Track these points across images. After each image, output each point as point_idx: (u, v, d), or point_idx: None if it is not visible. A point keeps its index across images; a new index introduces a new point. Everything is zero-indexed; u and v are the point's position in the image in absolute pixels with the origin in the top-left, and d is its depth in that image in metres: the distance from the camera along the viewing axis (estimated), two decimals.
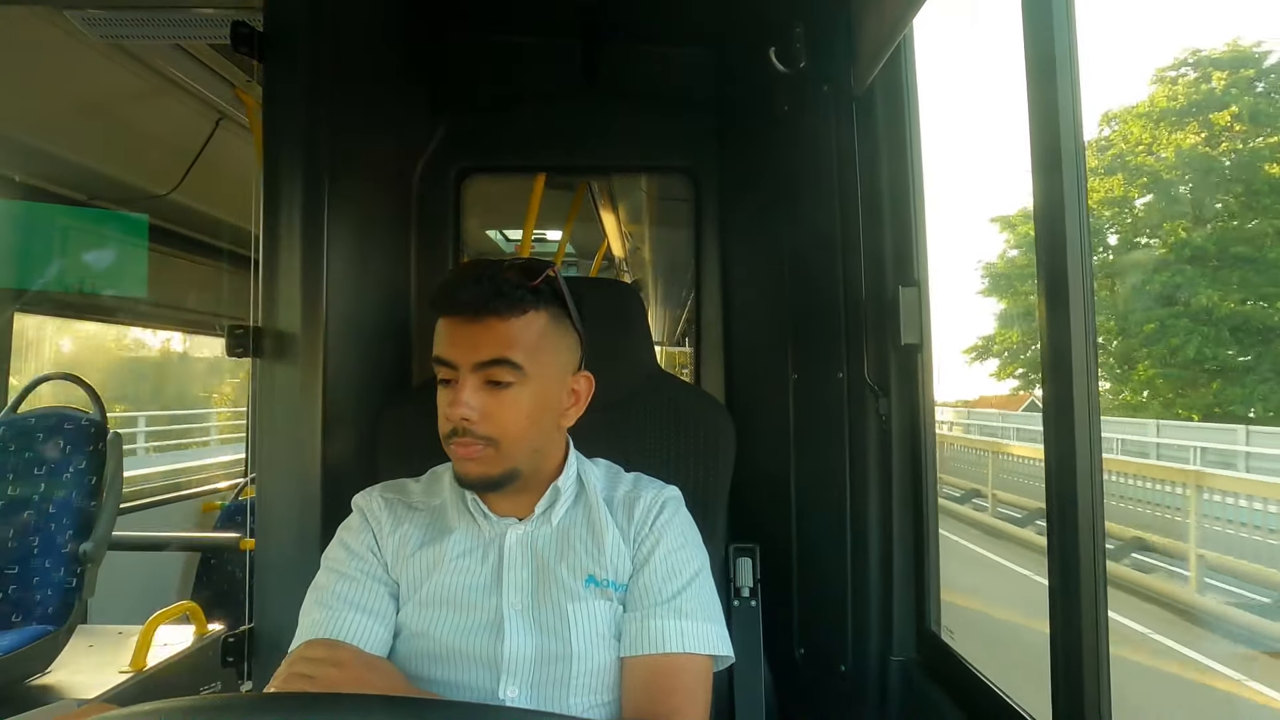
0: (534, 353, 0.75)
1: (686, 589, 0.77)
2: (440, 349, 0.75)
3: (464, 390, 0.73)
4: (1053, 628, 0.68)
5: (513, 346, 0.74)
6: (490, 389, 0.74)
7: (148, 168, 2.28)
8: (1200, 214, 9.72)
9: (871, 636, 1.04)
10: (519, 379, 0.74)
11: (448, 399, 0.74)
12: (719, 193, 1.44)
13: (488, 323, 0.73)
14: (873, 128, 1.05)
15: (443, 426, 0.75)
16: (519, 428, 0.75)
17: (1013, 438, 9.95)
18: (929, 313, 1.01)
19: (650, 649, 0.74)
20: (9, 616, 1.61)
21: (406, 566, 0.78)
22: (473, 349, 0.73)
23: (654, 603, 0.76)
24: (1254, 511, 5.84)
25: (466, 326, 0.74)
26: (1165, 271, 9.77)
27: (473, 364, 0.73)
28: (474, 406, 0.73)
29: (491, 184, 2.40)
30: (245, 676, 1.02)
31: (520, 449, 0.76)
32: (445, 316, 0.75)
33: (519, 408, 0.75)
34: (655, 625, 0.75)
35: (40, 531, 1.67)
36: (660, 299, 4.61)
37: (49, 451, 1.72)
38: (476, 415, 0.73)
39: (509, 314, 0.74)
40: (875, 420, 1.05)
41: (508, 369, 0.73)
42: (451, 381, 0.74)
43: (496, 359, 0.73)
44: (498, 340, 0.73)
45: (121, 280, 2.60)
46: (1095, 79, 19.87)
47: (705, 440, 1.02)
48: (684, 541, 0.81)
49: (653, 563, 0.78)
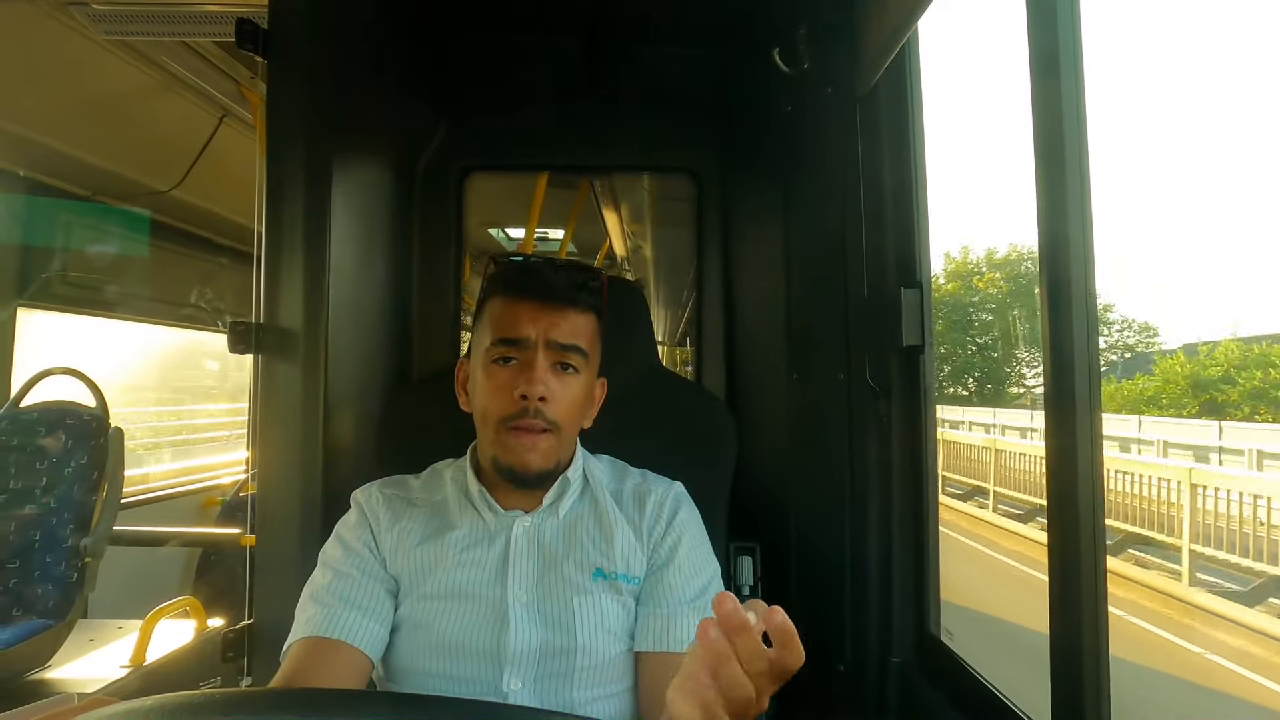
0: (592, 347, 0.78)
1: (708, 589, 0.78)
2: (509, 328, 0.75)
3: (539, 368, 0.74)
4: (1052, 627, 0.67)
5: (584, 335, 0.77)
6: (556, 373, 0.75)
7: (151, 164, 2.28)
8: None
9: (871, 637, 1.04)
10: (583, 367, 0.77)
11: (507, 379, 0.74)
12: (721, 193, 1.44)
13: (566, 311, 0.76)
14: (876, 129, 1.05)
15: (503, 406, 0.74)
16: (573, 417, 0.77)
17: None
18: (930, 314, 1.01)
19: (675, 647, 0.74)
20: (9, 610, 1.61)
21: (407, 561, 0.78)
22: (551, 328, 0.75)
23: (679, 601, 0.77)
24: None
25: (544, 310, 0.75)
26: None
27: (550, 342, 0.74)
28: (551, 386, 0.74)
29: (494, 182, 2.40)
30: (245, 672, 1.02)
31: (568, 441, 0.78)
32: (519, 299, 0.76)
33: (577, 397, 0.77)
34: (681, 624, 0.75)
35: (41, 526, 1.68)
36: (662, 298, 4.61)
37: (50, 446, 1.73)
38: (550, 395, 0.74)
39: (585, 307, 0.78)
40: (876, 421, 1.05)
41: (578, 355, 0.76)
42: (514, 360, 0.75)
43: (573, 344, 0.76)
44: (574, 328, 0.76)
45: (123, 275, 2.60)
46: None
47: (706, 439, 1.02)
48: (702, 539, 0.82)
49: (677, 561, 0.79)
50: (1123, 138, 46.67)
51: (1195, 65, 51.86)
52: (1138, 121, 50.30)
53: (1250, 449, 10.70)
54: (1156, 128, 52.01)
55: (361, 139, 1.16)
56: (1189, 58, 52.57)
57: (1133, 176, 47.81)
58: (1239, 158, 44.65)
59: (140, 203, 2.47)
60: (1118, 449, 12.43)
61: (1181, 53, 53.91)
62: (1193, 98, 52.13)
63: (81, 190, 2.32)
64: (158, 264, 2.72)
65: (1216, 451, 11.27)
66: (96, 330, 2.73)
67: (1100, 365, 0.69)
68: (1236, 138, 44.99)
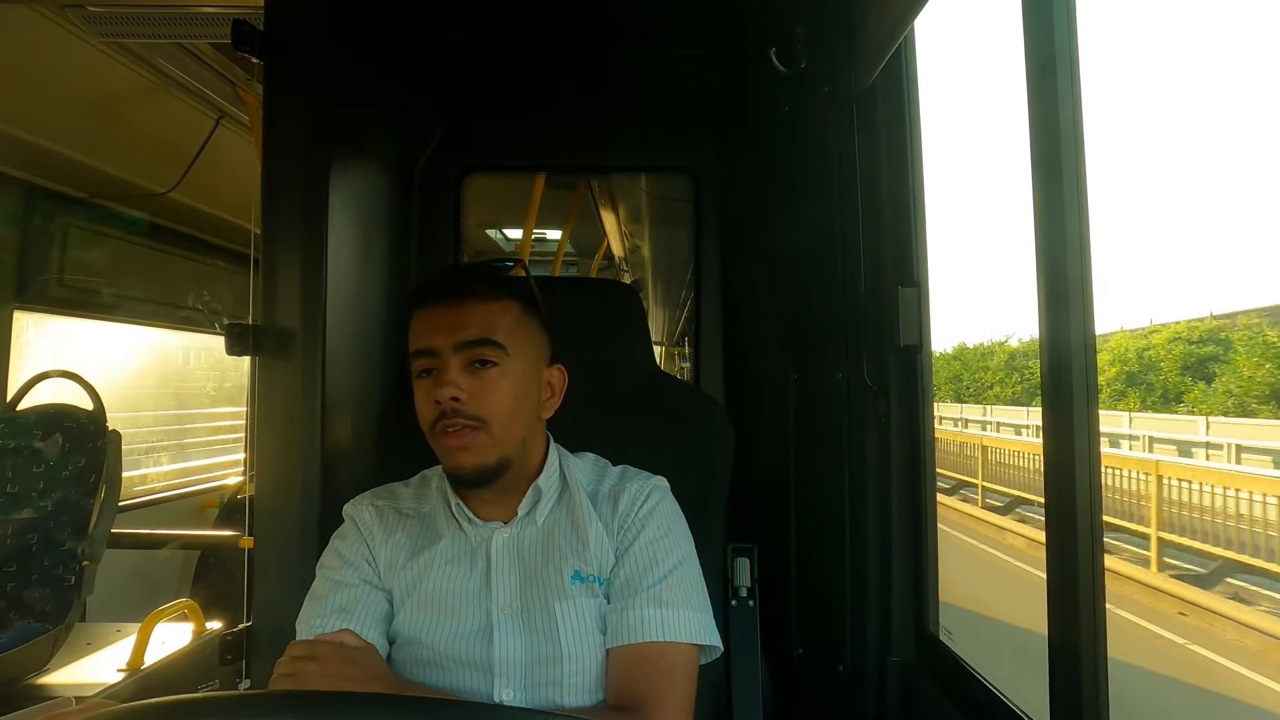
0: (512, 335, 0.77)
1: (668, 577, 0.77)
2: (419, 340, 0.76)
3: (449, 370, 0.74)
4: (1051, 626, 0.68)
5: (494, 328, 0.76)
6: (474, 371, 0.75)
7: (148, 166, 2.28)
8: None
9: (870, 636, 1.04)
10: (502, 359, 0.76)
11: (429, 387, 0.75)
12: (719, 193, 1.44)
13: (468, 305, 0.76)
14: (873, 128, 1.05)
15: (427, 416, 0.75)
16: (506, 409, 0.76)
17: None
18: (928, 313, 1.01)
19: (631, 638, 0.74)
20: (7, 614, 1.61)
21: (400, 575, 0.78)
22: (455, 330, 0.75)
23: (634, 591, 0.76)
24: None
25: (447, 312, 0.76)
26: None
27: (456, 344, 0.74)
28: (461, 386, 0.74)
29: (492, 183, 2.40)
30: (243, 674, 1.02)
31: (510, 434, 0.76)
32: (423, 309, 0.77)
33: (504, 389, 0.76)
34: (635, 614, 0.74)
35: (39, 529, 1.67)
36: (660, 299, 4.61)
37: (48, 449, 1.72)
38: (465, 394, 0.73)
39: (488, 297, 0.77)
40: (874, 421, 1.05)
41: (491, 348, 0.75)
42: (433, 370, 0.75)
43: (481, 338, 0.75)
44: (480, 321, 0.75)
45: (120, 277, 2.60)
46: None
47: (704, 440, 1.02)
48: (666, 530, 0.80)
49: (633, 552, 0.78)
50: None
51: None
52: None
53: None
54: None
55: (359, 140, 1.16)
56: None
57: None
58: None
59: (138, 205, 2.47)
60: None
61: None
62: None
63: (79, 192, 2.32)
64: (155, 266, 2.71)
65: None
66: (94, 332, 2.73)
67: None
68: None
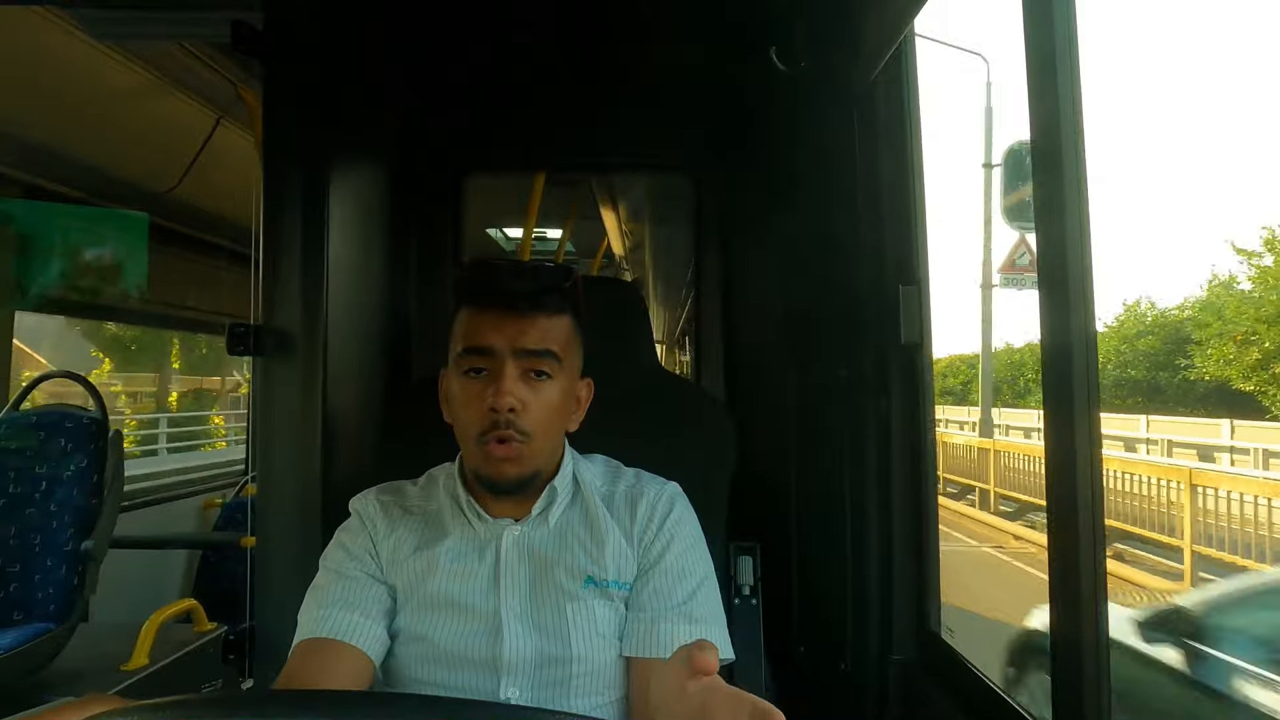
0: (566, 348, 0.76)
1: (697, 593, 0.77)
2: (476, 338, 0.73)
3: (507, 379, 0.71)
4: (1053, 626, 0.68)
5: (554, 339, 0.74)
6: (529, 380, 0.73)
7: (148, 166, 2.28)
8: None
9: (871, 635, 1.04)
10: (556, 371, 0.75)
11: (478, 390, 0.72)
12: (719, 191, 1.44)
13: (534, 318, 0.74)
14: (873, 126, 1.05)
15: (475, 420, 0.73)
16: (550, 424, 0.75)
17: None
18: (929, 312, 1.01)
19: (660, 652, 0.73)
20: (10, 614, 1.61)
21: (402, 570, 0.78)
22: (519, 336, 0.73)
23: (665, 606, 0.76)
24: None
25: (510, 318, 0.73)
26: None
27: (517, 350, 0.72)
28: (519, 395, 0.72)
29: (492, 181, 2.40)
30: (246, 674, 1.02)
31: (545, 447, 0.76)
32: (484, 308, 0.74)
33: (552, 403, 0.75)
34: (665, 629, 0.74)
35: (42, 529, 1.67)
36: (660, 297, 4.61)
37: (50, 449, 1.72)
38: (521, 406, 0.72)
39: (554, 310, 0.75)
40: (875, 419, 1.05)
41: (550, 360, 0.74)
42: (484, 371, 0.73)
43: (543, 349, 0.73)
44: (543, 333, 0.74)
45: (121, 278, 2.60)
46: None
47: (705, 439, 1.02)
48: (693, 543, 0.81)
49: (664, 565, 0.78)
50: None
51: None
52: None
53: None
54: None
55: (359, 139, 1.16)
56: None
57: None
58: None
59: (137, 204, 2.46)
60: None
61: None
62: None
63: (78, 192, 2.32)
64: (155, 266, 2.71)
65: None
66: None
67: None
68: None
